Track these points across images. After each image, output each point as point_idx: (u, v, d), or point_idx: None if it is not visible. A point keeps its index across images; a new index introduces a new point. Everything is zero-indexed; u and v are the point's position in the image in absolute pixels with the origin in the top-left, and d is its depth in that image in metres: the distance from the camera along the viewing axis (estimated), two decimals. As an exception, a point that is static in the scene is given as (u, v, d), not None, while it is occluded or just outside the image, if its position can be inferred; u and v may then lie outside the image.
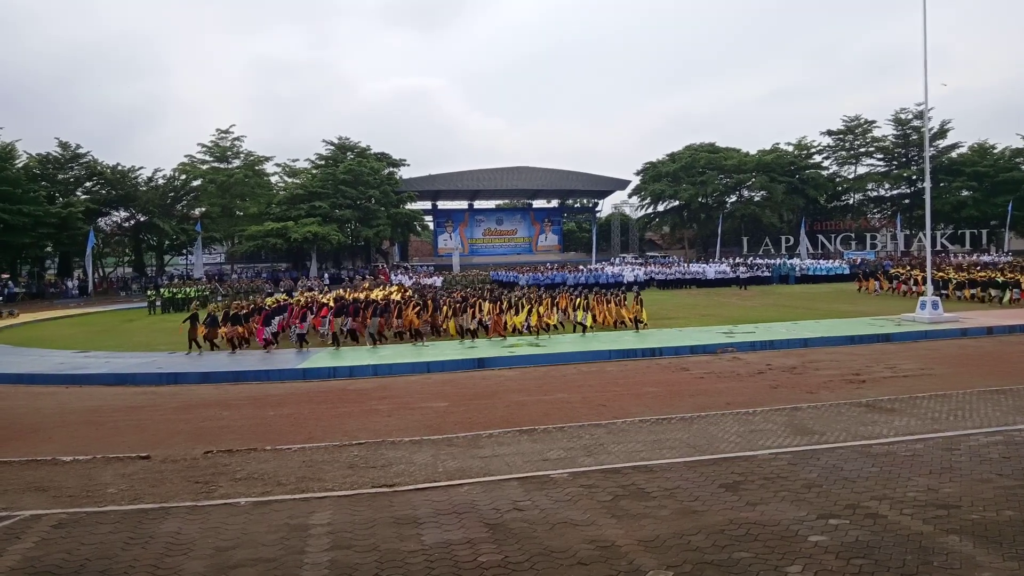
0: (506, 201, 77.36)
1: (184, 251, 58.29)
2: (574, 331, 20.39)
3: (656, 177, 69.78)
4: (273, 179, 62.10)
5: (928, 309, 21.34)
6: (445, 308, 20.43)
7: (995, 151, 65.05)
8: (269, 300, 24.41)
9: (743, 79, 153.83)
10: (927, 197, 24.90)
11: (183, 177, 55.75)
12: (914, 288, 30.70)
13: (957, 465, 7.48)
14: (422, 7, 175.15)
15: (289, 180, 61.47)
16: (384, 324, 19.58)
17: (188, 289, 36.31)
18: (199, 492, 7.57)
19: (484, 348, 18.04)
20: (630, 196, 74.47)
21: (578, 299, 21.47)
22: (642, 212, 76.14)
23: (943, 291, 29.62)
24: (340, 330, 19.54)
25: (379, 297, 23.85)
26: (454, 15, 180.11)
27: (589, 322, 20.43)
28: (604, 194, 72.49)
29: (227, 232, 57.33)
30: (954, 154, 65.31)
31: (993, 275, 30.67)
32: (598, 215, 75.30)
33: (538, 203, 74.70)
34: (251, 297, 29.24)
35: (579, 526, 6.11)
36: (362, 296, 24.19)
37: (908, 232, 63.68)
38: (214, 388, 14.72)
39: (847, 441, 8.66)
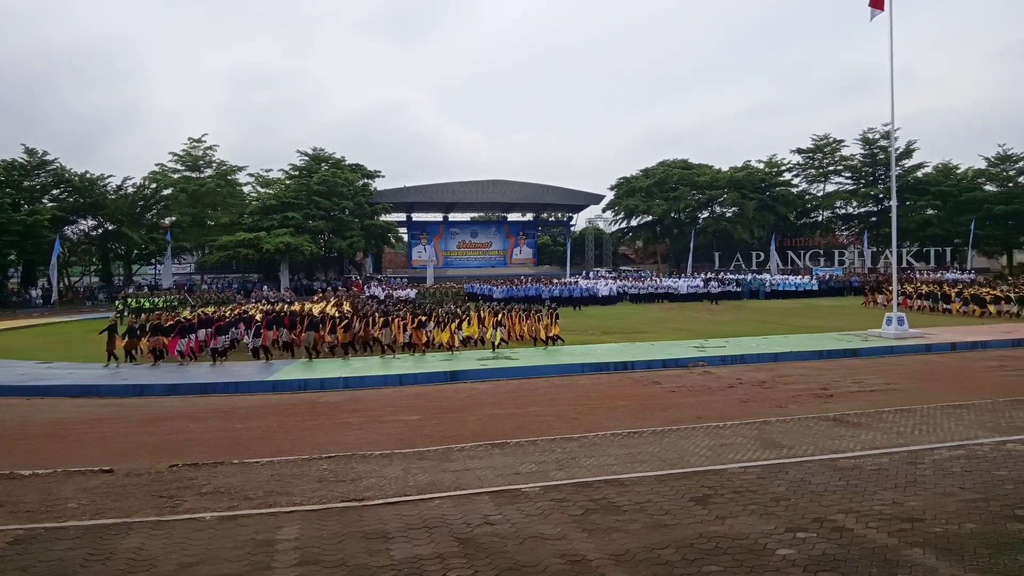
0: (481, 214, 77.47)
1: (153, 261, 57.38)
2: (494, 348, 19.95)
3: (630, 192, 70.49)
4: (246, 189, 61.53)
5: (894, 325, 21.75)
6: (369, 322, 20.16)
7: (958, 171, 66.74)
8: (185, 312, 23.67)
9: (717, 96, 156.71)
10: (893, 215, 25.43)
11: (153, 186, 54.96)
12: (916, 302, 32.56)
13: (921, 479, 7.61)
14: (400, 19, 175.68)
15: (262, 190, 60.94)
16: (319, 338, 19.27)
17: (156, 299, 35.68)
18: (163, 507, 7.42)
19: (457, 361, 17.98)
20: (604, 211, 75.22)
21: (500, 314, 21.18)
22: (616, 227, 76.80)
23: (947, 305, 31.79)
24: (274, 343, 19.27)
25: (317, 311, 23.32)
26: (433, 28, 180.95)
27: (498, 338, 19.93)
28: (578, 208, 72.95)
29: (197, 242, 56.55)
30: (919, 174, 66.87)
31: (995, 292, 31.98)
32: (572, 229, 75.75)
33: (513, 216, 74.92)
34: (178, 309, 28.50)
35: (550, 540, 6.09)
36: (297, 309, 23.80)
37: (875, 249, 64.88)
38: (181, 400, 14.46)
39: (815, 455, 8.77)
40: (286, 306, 26.38)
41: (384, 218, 62.38)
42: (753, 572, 5.30)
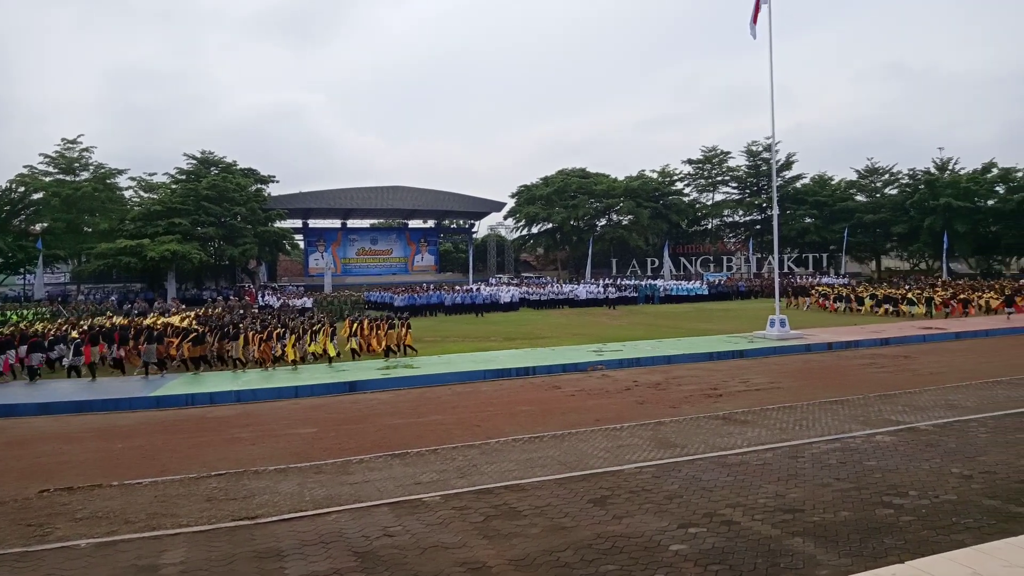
0: (381, 221, 76.42)
1: (22, 270, 53.04)
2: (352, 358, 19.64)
3: (530, 200, 71.60)
4: (127, 194, 58.09)
5: (777, 327, 23.05)
6: (225, 335, 19.23)
7: (833, 183, 71.88)
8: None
9: (613, 107, 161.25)
10: (775, 224, 27.02)
11: (22, 189, 50.85)
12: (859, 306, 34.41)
13: (801, 471, 8.08)
14: (294, 21, 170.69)
15: (146, 195, 57.67)
16: (163, 351, 18.09)
17: (25, 311, 32.99)
18: (31, 536, 6.85)
19: (355, 371, 17.60)
20: (506, 218, 75.96)
21: (355, 325, 20.75)
22: (517, 234, 77.72)
23: (859, 306, 34.09)
24: (102, 360, 17.99)
25: (171, 324, 21.90)
26: (328, 31, 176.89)
27: (352, 345, 19.58)
28: (481, 215, 73.27)
29: (73, 250, 52.73)
30: (798, 184, 71.48)
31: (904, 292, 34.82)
32: (474, 236, 75.97)
33: (414, 223, 74.35)
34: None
35: (450, 549, 6.05)
36: (127, 322, 22.43)
37: (760, 255, 68.72)
38: (54, 420, 13.41)
39: (705, 453, 9.15)
40: (119, 319, 24.95)
41: (279, 224, 60.51)
42: (647, 569, 5.46)
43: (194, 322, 22.68)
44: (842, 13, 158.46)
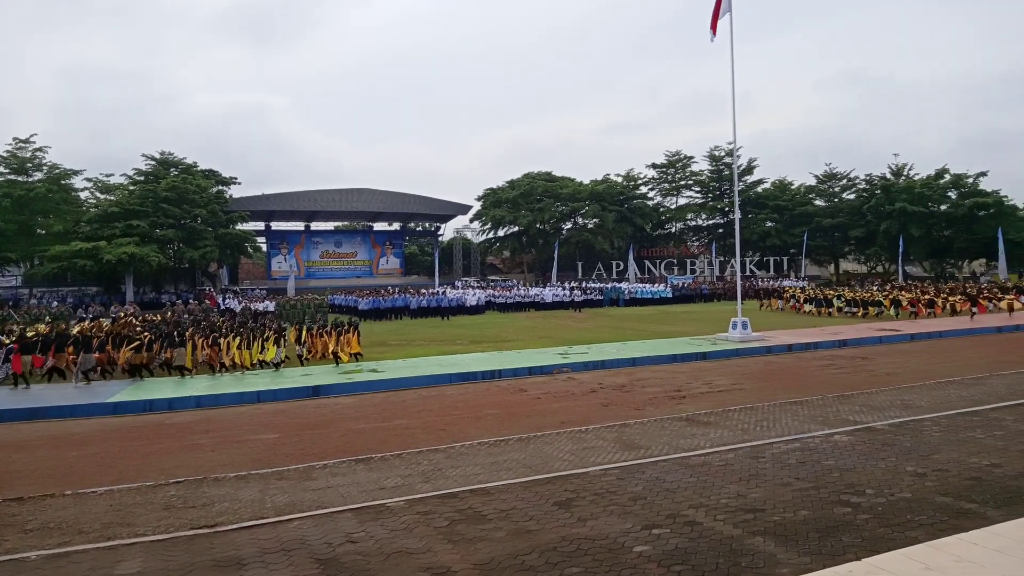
0: (346, 223, 75.72)
1: (-30, 273, 51.38)
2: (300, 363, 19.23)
3: (496, 203, 71.61)
4: (83, 195, 56.43)
5: (739, 329, 23.40)
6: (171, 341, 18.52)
7: (793, 187, 73.38)
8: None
9: (579, 112, 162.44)
10: (737, 227, 27.47)
11: (-30, 190, 49.14)
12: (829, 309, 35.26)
13: (762, 471, 8.21)
14: (257, 21, 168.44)
15: (102, 196, 56.13)
16: (103, 359, 17.49)
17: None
18: (-22, 549, 6.61)
19: (319, 375, 17.40)
20: (472, 221, 75.83)
21: (302, 331, 20.35)
22: (483, 237, 77.69)
23: (829, 308, 35.05)
24: (30, 370, 17.24)
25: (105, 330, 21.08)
26: (293, 31, 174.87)
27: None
28: (446, 218, 73.04)
29: (26, 252, 51.13)
30: (760, 189, 72.79)
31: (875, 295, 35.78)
32: (440, 239, 75.67)
33: (379, 226, 73.77)
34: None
35: (414, 554, 6.00)
36: (47, 330, 21.65)
37: (722, 259, 69.79)
38: (4, 428, 12.96)
39: (669, 454, 9.24)
40: (62, 325, 24.17)
41: (241, 227, 59.46)
42: (611, 571, 5.49)
43: (127, 330, 21.61)
44: (802, 22, 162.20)
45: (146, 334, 19.26)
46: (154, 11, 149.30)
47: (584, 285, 52.47)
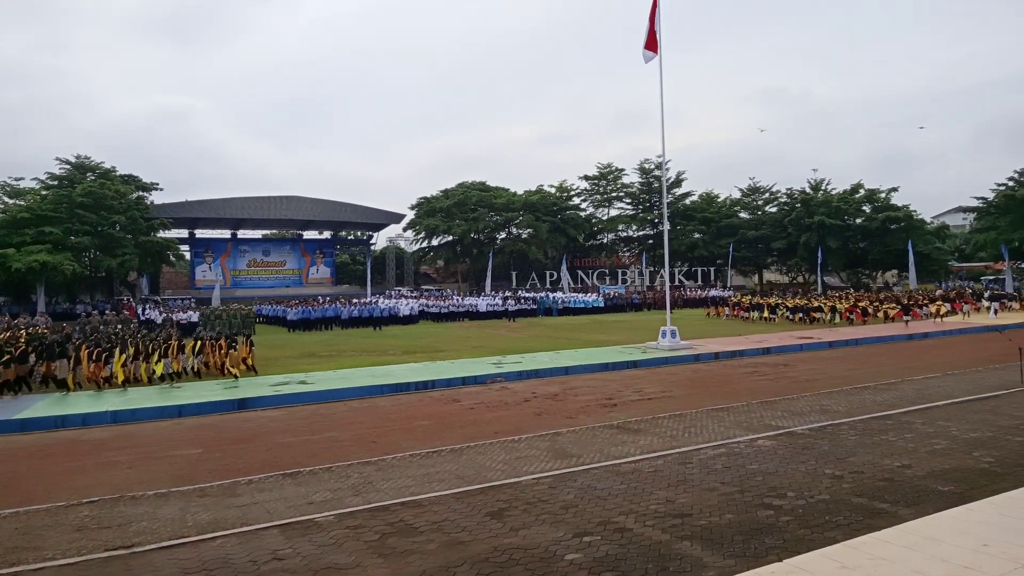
0: (274, 231, 73.94)
1: None
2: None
3: (430, 212, 71.35)
4: (-11, 200, 53.31)
5: (668, 337, 23.92)
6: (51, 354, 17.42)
7: (719, 200, 75.88)
8: None
9: (510, 122, 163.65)
10: (666, 239, 28.13)
11: None
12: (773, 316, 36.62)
13: (690, 477, 8.40)
14: (179, 22, 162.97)
15: (11, 201, 53.15)
16: None
17: None
18: None
19: (246, 388, 16.87)
20: (405, 230, 75.38)
21: (198, 343, 19.77)
22: (417, 246, 77.22)
23: (772, 315, 36.46)
24: None
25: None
26: (216, 33, 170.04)
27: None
28: (379, 227, 72.25)
29: (-76, 260, 47.88)
30: (688, 201, 75.00)
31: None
32: (373, 248, 74.74)
33: (309, 234, 72.36)
34: None
35: (344, 570, 5.88)
36: None
37: (652, 269, 71.37)
38: None
39: (600, 462, 9.35)
40: None
41: (163, 234, 57.40)
42: (544, 580, 5.50)
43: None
44: (726, 39, 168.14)
45: (21, 346, 18.09)
46: (65, 9, 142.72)
47: (518, 294, 52.70)
